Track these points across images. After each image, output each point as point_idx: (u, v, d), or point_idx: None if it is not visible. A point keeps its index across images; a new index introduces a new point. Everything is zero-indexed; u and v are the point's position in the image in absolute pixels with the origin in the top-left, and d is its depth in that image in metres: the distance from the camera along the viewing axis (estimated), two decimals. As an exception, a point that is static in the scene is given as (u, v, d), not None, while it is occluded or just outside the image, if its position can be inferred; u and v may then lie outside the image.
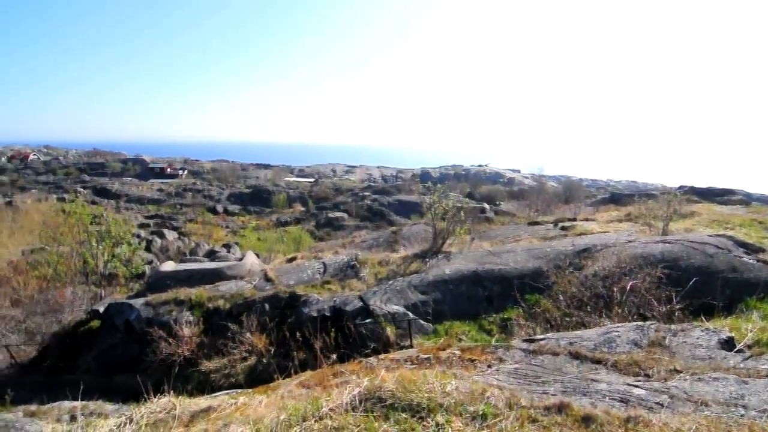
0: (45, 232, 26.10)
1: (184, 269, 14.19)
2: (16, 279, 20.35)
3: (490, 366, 4.02)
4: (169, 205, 65.63)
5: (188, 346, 9.53)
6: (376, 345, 8.62)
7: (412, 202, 54.13)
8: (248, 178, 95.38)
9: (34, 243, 26.42)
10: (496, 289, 10.24)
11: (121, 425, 2.83)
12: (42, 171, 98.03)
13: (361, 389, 2.43)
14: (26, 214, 34.06)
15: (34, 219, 30.92)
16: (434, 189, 14.39)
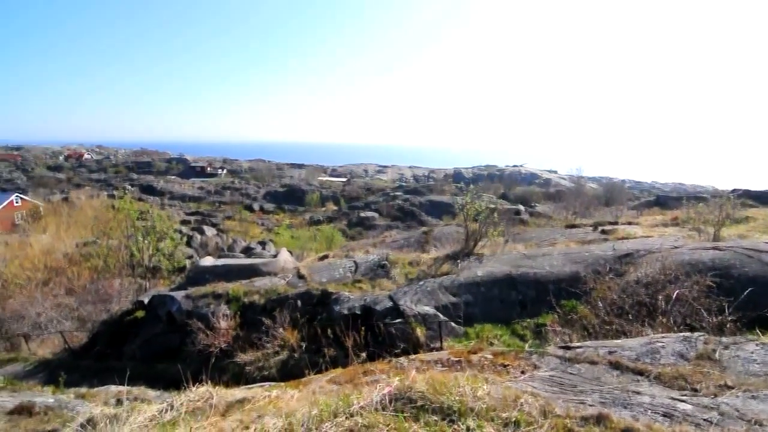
0: (96, 227, 27.86)
1: (222, 264, 14.73)
2: (71, 269, 21.91)
3: (524, 372, 3.91)
4: (209, 203, 68.50)
5: (225, 338, 9.89)
6: (405, 345, 8.60)
7: (444, 203, 53.67)
8: (283, 177, 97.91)
9: (87, 236, 28.29)
10: (531, 293, 9.97)
11: (163, 411, 2.98)
12: (94, 169, 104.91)
13: (391, 389, 2.43)
14: (80, 210, 36.58)
15: (87, 214, 33.14)
16: (467, 189, 14.18)
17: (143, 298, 14.01)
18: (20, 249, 23.87)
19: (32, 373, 11.71)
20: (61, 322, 15.87)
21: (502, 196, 54.49)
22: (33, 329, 15.70)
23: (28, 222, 38.89)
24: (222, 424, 2.53)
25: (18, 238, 27.62)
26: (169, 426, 2.67)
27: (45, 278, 20.69)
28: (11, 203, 43.30)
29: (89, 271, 22.05)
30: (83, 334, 14.64)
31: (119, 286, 18.65)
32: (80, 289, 19.32)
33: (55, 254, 24.43)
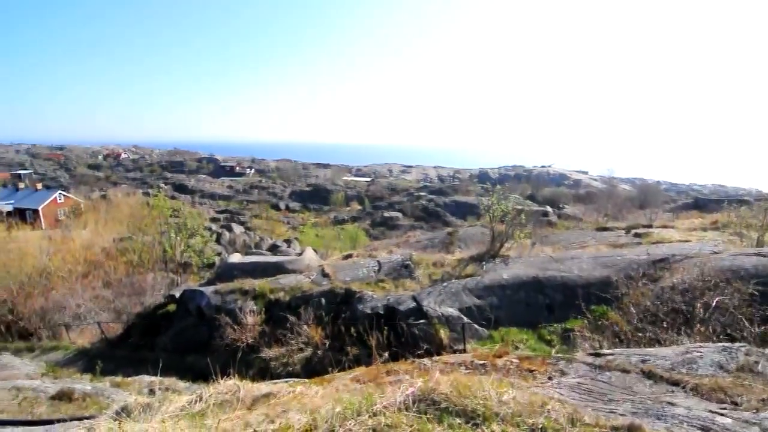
0: (132, 223, 29.13)
1: (249, 261, 15.09)
2: (108, 263, 22.98)
3: (551, 378, 3.81)
4: (237, 201, 70.33)
5: (251, 333, 10.13)
6: (428, 346, 8.55)
7: (469, 203, 53.06)
8: (309, 177, 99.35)
9: (123, 232, 29.59)
10: (558, 297, 9.71)
11: (193, 402, 3.08)
12: (131, 168, 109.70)
13: (414, 390, 2.42)
14: (117, 207, 38.32)
15: (124, 211, 34.67)
16: (493, 190, 13.96)
17: (175, 292, 14.51)
18: (63, 243, 25.24)
19: (72, 361, 12.35)
20: (99, 313, 16.67)
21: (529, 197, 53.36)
22: (73, 319, 16.58)
23: (70, 218, 41.07)
24: (248, 418, 2.59)
25: (60, 233, 29.20)
26: (198, 417, 2.76)
27: (84, 271, 21.79)
28: (55, 200, 45.87)
29: (125, 265, 23.07)
30: (119, 325, 15.32)
31: (152, 281, 19.42)
32: (116, 282, 20.25)
33: (93, 249, 25.69)
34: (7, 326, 16.72)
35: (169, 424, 2.42)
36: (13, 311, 17.10)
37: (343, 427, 2.13)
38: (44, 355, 13.32)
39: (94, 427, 2.39)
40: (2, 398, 6.01)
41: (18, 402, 5.93)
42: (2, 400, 5.95)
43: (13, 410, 5.64)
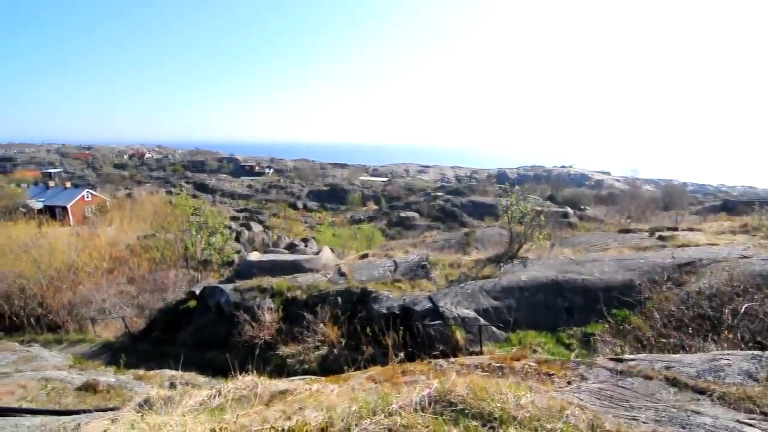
0: (155, 221, 29.92)
1: (268, 260, 15.30)
2: (132, 260, 23.63)
3: (570, 383, 3.74)
4: (256, 200, 71.43)
5: (268, 330, 10.27)
6: (444, 347, 8.50)
7: (487, 204, 52.51)
8: (326, 176, 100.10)
9: (147, 230, 30.42)
10: (578, 300, 9.51)
11: (212, 396, 3.15)
12: (154, 167, 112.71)
13: (430, 390, 2.41)
14: (141, 205, 39.41)
15: (147, 209, 35.64)
16: (511, 190, 13.77)
17: (195, 289, 14.83)
18: (90, 240, 26.10)
19: (97, 354, 12.77)
20: (123, 308, 17.17)
21: (549, 197, 52.43)
22: (98, 313, 17.12)
23: (96, 215, 42.47)
24: (266, 413, 2.63)
25: (88, 230, 30.20)
26: (217, 411, 2.81)
27: (110, 267, 22.47)
28: (83, 198, 47.53)
29: (148, 262, 23.69)
30: (142, 320, 15.75)
31: (174, 277, 19.88)
32: (140, 278, 20.82)
33: (118, 245, 26.47)
34: (37, 319, 17.40)
35: (190, 418, 2.48)
36: (43, 304, 17.78)
37: (359, 426, 2.13)
38: (71, 347, 13.80)
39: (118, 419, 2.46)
40: (32, 388, 6.27)
41: (47, 392, 6.17)
42: (32, 390, 6.20)
43: (42, 400, 5.87)
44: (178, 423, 2.36)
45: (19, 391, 6.09)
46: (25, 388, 6.21)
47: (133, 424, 2.36)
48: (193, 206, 26.32)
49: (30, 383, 6.37)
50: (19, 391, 6.09)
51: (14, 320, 17.44)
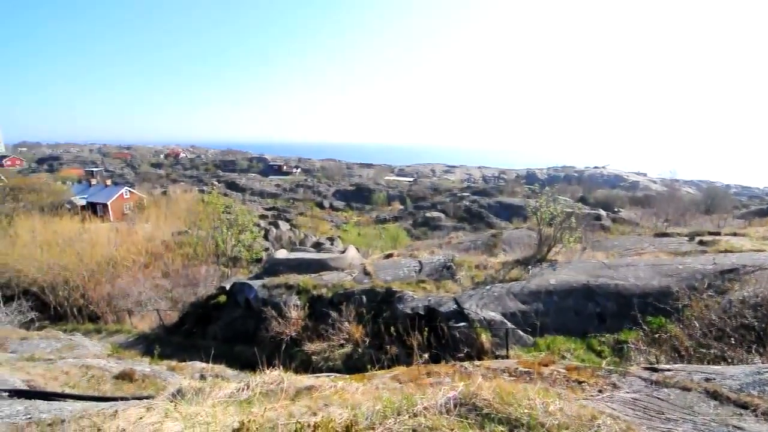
0: (189, 219, 31.02)
1: (295, 257, 15.56)
2: (167, 255, 24.60)
3: (601, 391, 3.60)
4: (284, 199, 72.88)
5: (295, 327, 10.46)
6: (469, 350, 8.40)
7: (515, 205, 51.45)
8: (352, 176, 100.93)
9: (181, 227, 31.59)
10: (611, 306, 9.17)
11: (240, 389, 3.23)
12: (188, 167, 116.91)
13: (456, 393, 2.38)
14: (176, 202, 40.94)
15: (181, 207, 36.99)
16: (540, 191, 13.44)
17: (225, 284, 15.27)
18: (128, 235, 27.34)
19: (133, 344, 13.37)
20: (158, 301, 17.92)
21: (580, 199, 50.82)
22: (135, 306, 17.94)
23: (134, 212, 44.49)
24: (292, 408, 2.67)
25: (126, 226, 31.66)
26: (245, 404, 2.88)
27: (146, 262, 23.49)
28: (122, 195, 49.92)
29: (182, 257, 24.60)
30: (175, 313, 16.37)
31: (206, 273, 20.57)
32: (174, 273, 21.65)
33: (154, 241, 27.62)
34: (79, 309, 18.42)
35: (219, 409, 2.56)
36: (84, 296, 18.81)
37: (384, 425, 2.13)
38: (110, 337, 14.51)
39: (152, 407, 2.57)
40: (74, 374, 6.63)
41: (87, 379, 6.50)
42: (74, 376, 6.55)
43: (84, 386, 6.19)
44: (209, 414, 2.43)
45: (63, 377, 6.46)
46: (68, 374, 6.57)
47: (167, 413, 2.45)
48: (224, 204, 27.15)
49: (72, 370, 6.74)
50: (63, 377, 6.46)
51: (58, 310, 18.53)
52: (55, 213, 33.42)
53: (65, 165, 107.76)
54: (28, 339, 9.52)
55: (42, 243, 21.82)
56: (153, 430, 2.29)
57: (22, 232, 23.62)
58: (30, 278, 19.39)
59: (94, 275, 19.93)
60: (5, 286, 18.99)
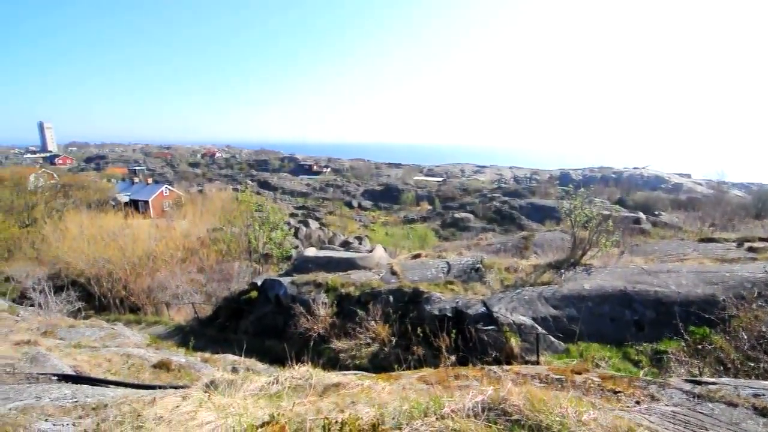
0: (223, 216, 32.07)
1: (323, 256, 15.78)
2: (202, 251, 25.53)
3: (639, 403, 3.44)
4: (314, 198, 74.11)
5: (322, 324, 10.60)
6: (497, 354, 8.24)
7: (548, 207, 50.06)
8: (381, 176, 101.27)
9: (215, 224, 32.70)
10: (649, 314, 8.75)
11: (270, 383, 3.31)
12: (223, 166, 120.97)
13: (485, 397, 2.33)
14: (211, 200, 42.40)
15: (216, 204, 38.30)
16: (575, 192, 12.99)
17: (257, 280, 15.67)
18: (166, 231, 28.60)
19: (170, 335, 13.96)
20: (193, 295, 18.62)
21: (618, 201, 48.82)
22: (172, 299, 18.73)
23: (173, 209, 46.51)
24: (319, 404, 2.71)
25: (165, 222, 33.15)
26: (275, 397, 2.96)
27: (183, 257, 24.46)
28: (162, 193, 52.34)
29: (216, 253, 25.46)
30: (209, 306, 16.97)
31: (238, 269, 21.20)
32: (208, 268, 22.45)
33: (191, 237, 28.74)
34: (121, 300, 19.43)
35: (250, 402, 2.63)
36: (126, 288, 19.81)
37: (410, 425, 2.13)
38: (149, 327, 15.21)
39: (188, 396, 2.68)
40: (116, 362, 7.00)
41: (128, 367, 6.86)
42: (116, 364, 6.92)
43: (124, 373, 6.53)
44: (240, 406, 2.51)
45: (106, 364, 6.84)
46: (111, 361, 6.95)
47: (201, 403, 2.55)
48: (256, 203, 27.92)
49: (115, 357, 7.12)
50: (106, 364, 6.84)
51: (102, 301, 19.62)
52: (101, 209, 35.43)
53: (111, 164, 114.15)
54: (75, 327, 10.13)
55: (89, 237, 23.17)
56: (188, 418, 2.38)
57: (72, 226, 25.19)
58: (78, 270, 20.63)
59: (135, 268, 20.97)
60: (56, 277, 20.30)
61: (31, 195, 39.28)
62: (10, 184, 39.40)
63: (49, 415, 3.17)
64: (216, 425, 2.27)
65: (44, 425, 2.89)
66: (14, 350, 6.31)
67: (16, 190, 38.57)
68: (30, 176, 44.97)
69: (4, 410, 3.14)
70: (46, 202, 38.71)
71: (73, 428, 2.81)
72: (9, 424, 2.77)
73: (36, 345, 6.96)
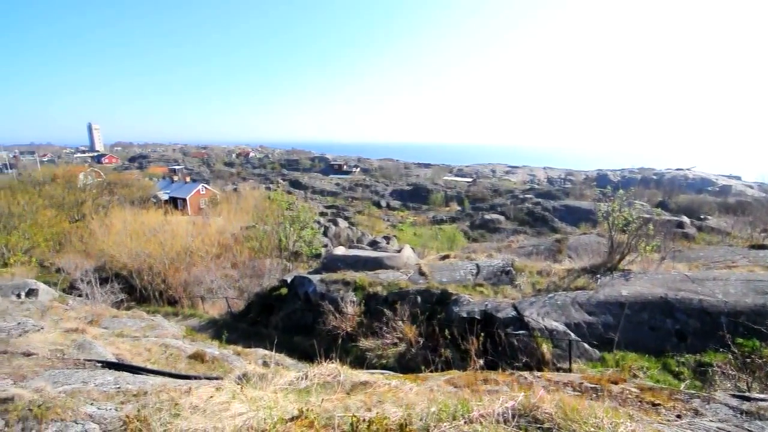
0: (256, 214, 32.97)
1: (352, 254, 15.91)
2: (235, 248, 26.35)
3: (680, 417, 3.26)
4: (343, 198, 74.87)
5: (350, 322, 10.70)
6: (527, 360, 8.04)
7: (583, 209, 48.36)
8: (410, 176, 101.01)
9: (249, 221, 33.67)
10: (693, 323, 8.27)
11: (299, 379, 3.38)
12: (257, 165, 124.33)
13: (515, 403, 2.28)
14: (245, 199, 43.68)
15: (249, 203, 39.42)
16: (613, 194, 12.46)
17: (287, 277, 16.01)
18: (203, 228, 29.69)
19: (204, 328, 14.49)
20: (227, 289, 19.27)
21: (659, 204, 46.44)
22: (207, 293, 19.45)
23: (209, 206, 48.29)
24: (347, 402, 2.74)
25: (201, 219, 34.44)
26: (304, 393, 3.01)
27: (217, 253, 25.35)
28: (198, 191, 54.44)
29: (249, 250, 26.22)
30: (241, 301, 17.50)
31: (269, 265, 21.74)
32: (241, 264, 23.16)
33: (225, 234, 29.71)
34: (160, 293, 20.35)
35: (281, 396, 2.69)
36: (165, 281, 20.75)
37: (438, 428, 2.11)
38: (185, 320, 15.85)
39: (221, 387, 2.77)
40: (155, 352, 7.35)
41: (166, 356, 7.18)
42: (155, 353, 7.27)
43: (162, 363, 6.84)
44: (271, 399, 2.57)
45: (146, 353, 7.18)
46: (150, 351, 7.30)
47: (234, 395, 2.63)
48: (287, 202, 28.54)
49: (153, 347, 7.47)
50: (146, 353, 7.18)
51: (143, 293, 20.62)
52: (143, 206, 37.28)
53: (152, 163, 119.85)
54: (118, 317, 10.71)
55: (131, 232, 24.41)
56: (222, 409, 2.47)
57: (116, 222, 26.62)
58: (121, 263, 21.79)
59: (173, 263, 21.91)
60: (101, 269, 21.53)
61: (80, 192, 41.86)
62: (63, 182, 42.18)
63: (95, 399, 3.37)
64: (248, 417, 2.34)
65: (90, 409, 3.07)
66: (64, 337, 6.74)
67: (67, 187, 41.22)
68: (80, 174, 47.95)
69: (55, 393, 3.35)
70: (93, 199, 41.13)
71: (116, 413, 2.97)
72: (59, 407, 2.96)
73: (83, 333, 7.41)
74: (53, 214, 31.99)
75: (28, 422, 2.73)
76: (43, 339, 6.21)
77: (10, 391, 3.08)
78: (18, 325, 6.81)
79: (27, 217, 28.78)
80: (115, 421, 2.80)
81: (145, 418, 2.46)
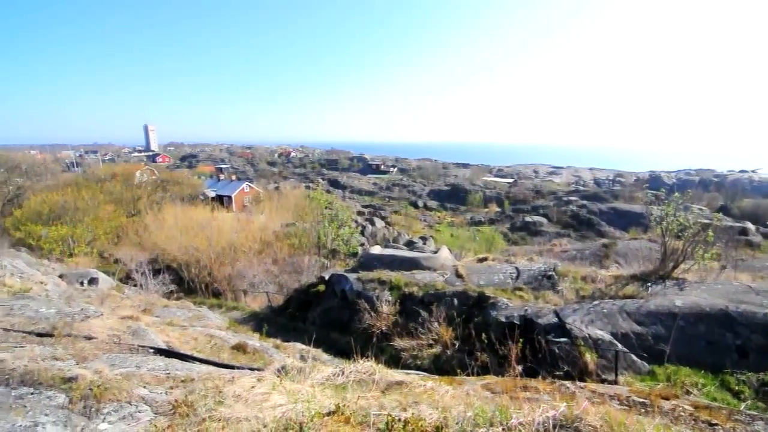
0: (296, 212, 33.88)
1: (388, 254, 15.96)
2: (276, 244, 27.21)
3: (741, 439, 3.01)
4: (380, 198, 75.26)
5: (385, 321, 10.73)
6: (569, 369, 7.70)
7: (633, 212, 45.76)
8: (448, 176, 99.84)
9: (289, 219, 34.66)
10: (756, 339, 7.59)
11: (336, 374, 3.44)
12: (297, 165, 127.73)
13: (556, 413, 2.19)
14: (286, 197, 45.02)
15: (290, 201, 40.58)
16: (667, 198, 11.69)
17: (325, 274, 16.31)
18: (246, 224, 30.92)
19: (246, 321, 15.05)
20: (267, 284, 19.93)
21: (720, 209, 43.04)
22: (249, 287, 20.21)
23: (252, 204, 50.20)
24: (382, 400, 2.75)
25: (245, 216, 35.87)
26: (340, 388, 3.06)
27: (259, 249, 26.29)
28: (243, 189, 56.73)
29: (288, 247, 27.00)
30: (281, 296, 18.04)
31: (308, 262, 22.27)
32: (281, 260, 23.88)
33: (267, 231, 30.76)
34: (206, 286, 21.41)
35: (318, 390, 2.75)
36: (210, 274, 21.80)
37: (474, 433, 2.07)
38: (228, 312, 16.55)
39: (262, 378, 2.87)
40: (201, 341, 7.73)
41: (210, 346, 7.54)
42: (201, 343, 7.65)
43: (207, 352, 7.19)
44: (309, 393, 2.63)
45: (192, 342, 7.57)
46: (196, 340, 7.69)
47: (274, 386, 2.72)
48: (326, 201, 29.13)
49: (200, 337, 7.87)
50: (192, 342, 7.57)
51: (191, 285, 21.78)
52: (192, 203, 39.36)
53: (201, 162, 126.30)
54: (168, 307, 11.36)
55: (181, 227, 25.85)
56: (262, 399, 2.55)
57: (168, 217, 28.29)
58: (171, 256, 23.13)
59: (218, 257, 22.97)
60: (154, 261, 22.96)
61: (137, 189, 44.85)
62: (121, 179, 45.37)
63: (147, 383, 3.60)
64: (287, 408, 2.41)
65: (142, 392, 3.29)
66: (120, 324, 7.24)
67: (125, 184, 44.32)
68: (136, 172, 51.38)
69: (112, 375, 3.61)
70: (148, 196, 43.96)
71: (165, 397, 3.16)
72: (115, 388, 3.19)
73: (137, 320, 7.93)
74: (112, 209, 34.52)
75: (89, 401, 2.96)
76: (102, 324, 6.70)
77: (74, 371, 3.36)
78: (81, 310, 7.39)
79: (90, 211, 31.22)
80: (165, 404, 2.97)
81: (191, 404, 2.59)
